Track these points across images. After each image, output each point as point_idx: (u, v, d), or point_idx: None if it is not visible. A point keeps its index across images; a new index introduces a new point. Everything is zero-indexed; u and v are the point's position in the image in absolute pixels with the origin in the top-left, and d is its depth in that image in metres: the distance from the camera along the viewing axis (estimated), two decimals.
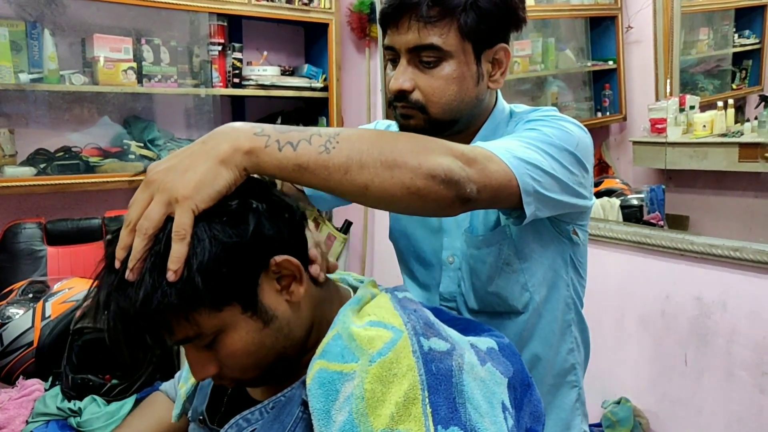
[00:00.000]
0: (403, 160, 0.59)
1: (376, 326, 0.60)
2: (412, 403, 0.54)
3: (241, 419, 0.62)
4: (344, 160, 0.57)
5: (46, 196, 1.96)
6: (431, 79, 0.78)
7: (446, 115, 0.80)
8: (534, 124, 0.79)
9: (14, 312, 1.42)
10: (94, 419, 1.23)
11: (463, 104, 0.80)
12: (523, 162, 0.70)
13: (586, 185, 0.80)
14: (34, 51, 1.86)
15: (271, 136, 0.56)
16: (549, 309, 0.89)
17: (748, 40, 1.92)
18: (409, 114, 0.81)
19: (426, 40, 0.77)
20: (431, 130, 0.80)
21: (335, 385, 0.56)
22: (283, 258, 0.58)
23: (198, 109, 2.26)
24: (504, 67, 0.83)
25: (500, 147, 0.71)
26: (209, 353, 0.58)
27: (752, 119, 1.71)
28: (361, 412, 0.54)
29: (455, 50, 0.77)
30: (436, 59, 0.78)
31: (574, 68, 2.54)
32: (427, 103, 0.79)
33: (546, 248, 0.86)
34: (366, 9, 2.35)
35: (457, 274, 0.89)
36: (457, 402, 0.55)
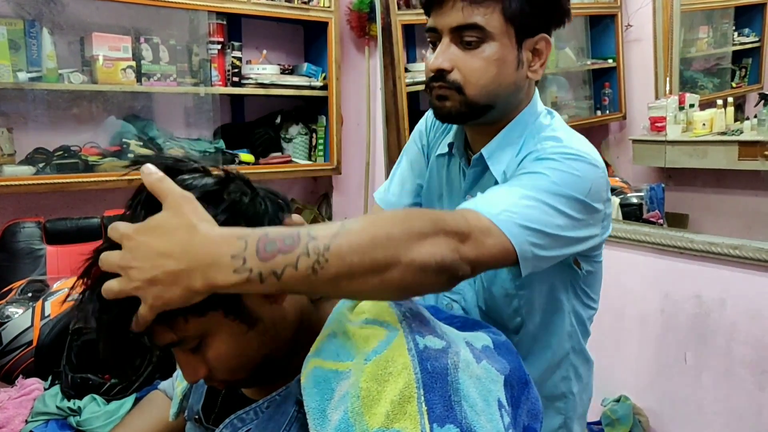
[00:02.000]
0: (395, 257, 0.55)
1: (371, 324, 0.60)
2: (407, 401, 0.54)
3: (236, 419, 0.62)
4: (332, 278, 0.53)
5: (45, 195, 1.96)
6: (472, 59, 0.78)
7: (483, 98, 0.79)
8: (545, 165, 0.75)
9: (14, 311, 1.41)
10: (93, 418, 1.23)
11: (501, 88, 0.79)
12: (524, 228, 0.68)
13: (596, 223, 0.78)
14: (32, 50, 1.86)
15: (254, 269, 0.51)
16: (545, 335, 0.88)
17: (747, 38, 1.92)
18: (445, 95, 0.80)
19: (469, 19, 0.76)
20: (467, 114, 0.80)
21: (330, 383, 0.56)
22: None
23: (197, 108, 2.25)
24: (544, 58, 0.81)
25: (501, 209, 0.68)
26: (197, 356, 0.58)
27: (752, 117, 1.71)
28: (357, 410, 0.54)
29: (498, 32, 0.77)
30: (478, 39, 0.77)
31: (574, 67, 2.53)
32: (464, 84, 0.78)
33: (546, 277, 0.83)
34: (366, 8, 2.35)
35: None
36: (453, 400, 0.55)
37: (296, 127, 2.49)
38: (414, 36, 2.38)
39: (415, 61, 2.37)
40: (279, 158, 2.40)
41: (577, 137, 0.83)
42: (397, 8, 2.25)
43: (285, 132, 2.48)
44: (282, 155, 2.43)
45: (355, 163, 2.54)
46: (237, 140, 2.34)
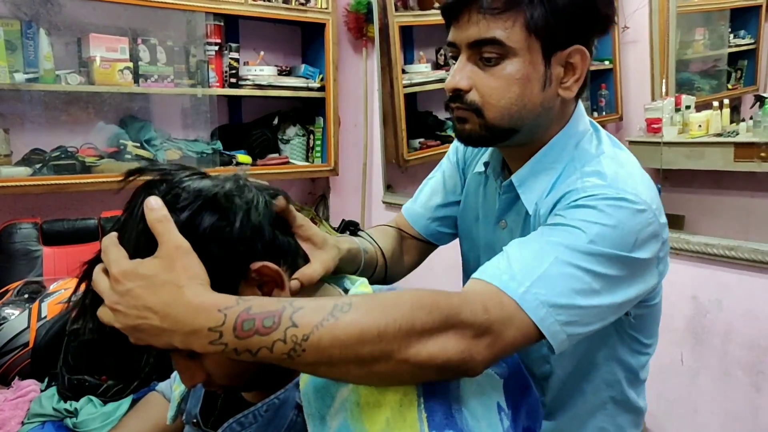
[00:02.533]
0: (385, 354, 0.50)
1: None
2: (407, 408, 0.53)
3: (235, 423, 0.62)
4: (309, 364, 0.51)
5: (41, 196, 1.96)
6: (491, 78, 0.70)
7: (504, 121, 0.71)
8: (583, 217, 0.65)
9: (10, 312, 1.41)
10: (90, 420, 1.22)
11: (525, 111, 0.71)
12: (556, 308, 0.61)
13: (646, 274, 0.69)
14: (29, 50, 1.85)
15: (229, 345, 0.50)
16: (578, 382, 0.80)
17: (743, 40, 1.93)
18: (464, 117, 0.73)
19: (487, 33, 0.68)
20: (489, 138, 0.74)
21: (330, 389, 0.56)
22: (262, 264, 0.56)
23: (195, 109, 2.25)
24: (579, 73, 0.72)
25: (528, 283, 0.60)
26: (195, 362, 0.58)
27: (748, 119, 1.71)
28: (357, 417, 0.53)
29: (520, 47, 0.68)
30: (498, 56, 0.69)
31: None
32: (483, 105, 0.71)
33: None
34: (363, 9, 2.35)
35: None
36: (453, 407, 0.55)
37: (293, 129, 2.49)
38: (411, 37, 2.39)
39: (413, 63, 2.37)
40: (276, 159, 2.40)
41: (626, 170, 0.72)
42: (395, 10, 2.25)
43: (282, 133, 2.48)
44: (279, 156, 2.43)
45: (353, 165, 2.54)
46: (234, 141, 2.34)
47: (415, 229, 0.97)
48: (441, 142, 2.34)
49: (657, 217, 0.69)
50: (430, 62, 2.39)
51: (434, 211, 0.96)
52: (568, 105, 0.76)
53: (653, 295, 0.78)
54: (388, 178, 2.37)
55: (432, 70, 2.37)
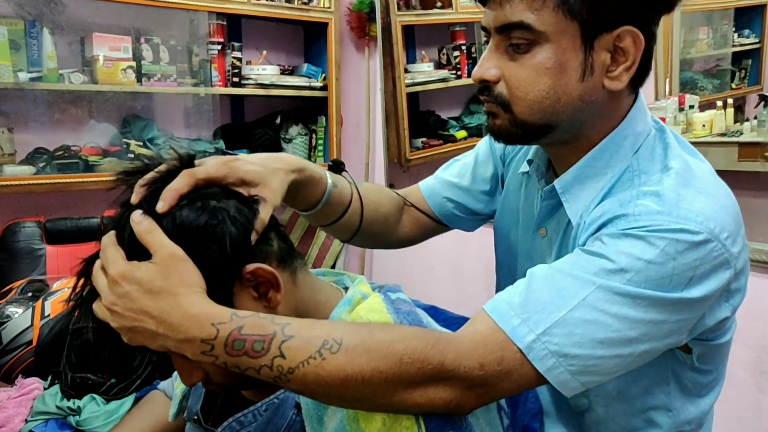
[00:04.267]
0: (368, 399, 0.51)
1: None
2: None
3: (234, 422, 0.62)
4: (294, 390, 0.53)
5: (45, 195, 1.96)
6: (519, 67, 0.61)
7: (535, 116, 0.62)
8: (630, 252, 0.56)
9: (13, 311, 1.41)
10: (93, 418, 1.23)
11: (560, 105, 0.61)
12: (567, 358, 0.54)
13: (707, 309, 0.60)
14: (33, 50, 1.86)
15: (219, 358, 0.51)
16: (621, 425, 0.69)
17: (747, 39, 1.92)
18: (494, 111, 0.64)
19: (514, 16, 0.59)
20: (521, 135, 0.64)
21: None
22: (256, 266, 0.56)
23: (197, 109, 2.25)
24: (632, 59, 0.60)
25: (541, 330, 0.54)
26: (193, 361, 0.57)
27: (752, 119, 1.71)
28: (353, 417, 0.53)
29: (553, 31, 0.58)
30: (528, 42, 0.60)
31: None
32: (511, 99, 0.62)
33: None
34: (365, 8, 2.35)
35: None
36: None
37: (296, 128, 2.49)
38: (414, 36, 2.39)
39: (415, 62, 2.37)
40: None
41: (695, 187, 0.60)
42: (397, 9, 2.25)
43: (285, 132, 2.48)
44: None
45: (355, 164, 2.54)
46: (237, 140, 2.34)
47: (427, 203, 0.89)
48: (443, 142, 2.34)
49: (727, 246, 0.58)
50: (433, 61, 2.39)
51: (454, 192, 0.87)
52: (621, 98, 0.64)
53: (721, 332, 0.66)
54: (390, 177, 2.37)
55: (434, 70, 2.36)
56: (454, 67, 2.35)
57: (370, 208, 0.82)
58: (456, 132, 2.35)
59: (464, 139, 2.34)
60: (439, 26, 2.38)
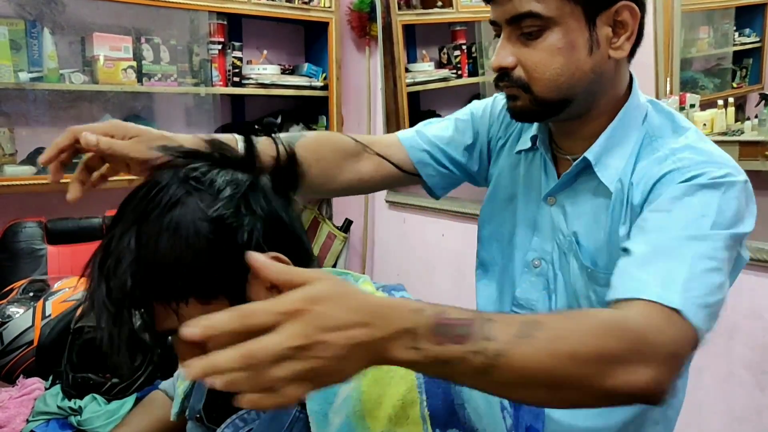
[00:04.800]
0: (577, 380, 0.48)
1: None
2: (410, 405, 0.53)
3: (238, 419, 0.62)
4: (497, 383, 0.47)
5: (46, 195, 1.96)
6: (533, 51, 0.69)
7: (553, 93, 0.69)
8: (698, 200, 0.64)
9: (15, 311, 1.42)
10: (94, 418, 1.23)
11: (575, 79, 0.69)
12: (708, 311, 0.59)
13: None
14: (33, 50, 1.86)
15: (422, 349, 0.44)
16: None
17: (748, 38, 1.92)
18: (514, 94, 0.72)
19: (523, 7, 0.67)
20: (541, 112, 0.72)
21: (333, 387, 0.54)
22: (273, 255, 0.56)
23: (198, 108, 2.25)
24: (630, 30, 0.69)
25: (683, 289, 0.57)
26: (197, 348, 0.58)
27: (752, 118, 1.71)
28: (359, 414, 0.54)
29: (559, 15, 0.67)
30: (538, 28, 0.68)
31: None
32: (530, 80, 0.70)
33: None
34: (366, 7, 2.35)
35: (542, 281, 0.79)
36: (456, 404, 0.55)
37: (296, 127, 2.49)
38: (414, 36, 2.38)
39: (416, 61, 2.37)
40: None
41: (706, 140, 0.71)
42: (398, 8, 2.25)
43: (285, 132, 2.48)
44: None
45: None
46: None
47: (407, 152, 0.90)
48: None
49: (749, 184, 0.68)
50: (433, 61, 2.39)
51: (433, 146, 0.90)
52: (623, 67, 0.73)
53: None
54: None
55: (435, 69, 2.36)
56: (454, 67, 2.35)
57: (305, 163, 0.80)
58: None
59: None
60: (440, 26, 2.38)
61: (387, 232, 2.43)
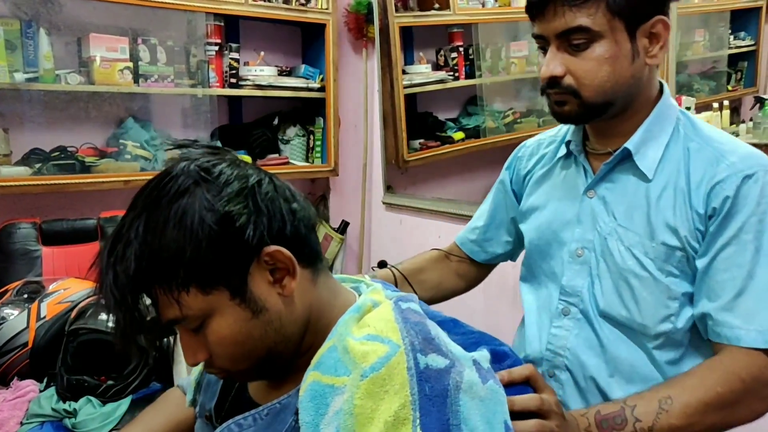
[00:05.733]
0: (709, 424, 0.71)
1: (373, 340, 0.57)
2: (402, 423, 0.52)
3: (234, 424, 0.61)
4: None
5: (41, 196, 1.95)
6: (582, 61, 0.77)
7: (600, 97, 0.78)
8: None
9: (9, 312, 1.41)
10: (89, 420, 1.22)
11: (618, 85, 0.78)
12: None
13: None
14: (29, 50, 1.85)
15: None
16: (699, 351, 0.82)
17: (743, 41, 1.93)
18: (563, 100, 0.80)
19: (573, 23, 0.76)
20: (586, 115, 0.81)
21: (326, 398, 0.55)
22: (275, 249, 0.57)
23: (195, 109, 2.25)
24: (663, 41, 0.79)
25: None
26: (199, 338, 0.58)
27: (747, 120, 1.72)
28: (350, 428, 0.53)
29: (605, 30, 0.76)
30: (586, 41, 0.76)
31: None
32: (579, 87, 0.78)
33: None
34: (363, 9, 2.35)
35: (586, 269, 0.86)
36: (451, 423, 0.53)
37: (294, 129, 2.49)
38: (411, 38, 2.39)
39: (413, 63, 2.37)
40: (276, 160, 2.40)
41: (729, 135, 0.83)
42: (395, 10, 2.25)
43: (282, 133, 2.48)
44: (279, 157, 2.43)
45: (353, 165, 2.54)
46: (234, 141, 2.34)
47: (461, 249, 1.09)
48: (441, 143, 2.34)
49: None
50: (431, 63, 2.39)
51: (471, 233, 1.08)
52: (653, 71, 0.83)
53: None
54: (388, 178, 2.37)
55: (432, 71, 2.36)
56: (451, 69, 2.35)
57: (416, 279, 1.05)
58: (454, 133, 2.35)
59: (462, 140, 2.34)
60: (437, 28, 2.38)
61: (383, 233, 2.43)
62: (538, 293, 0.94)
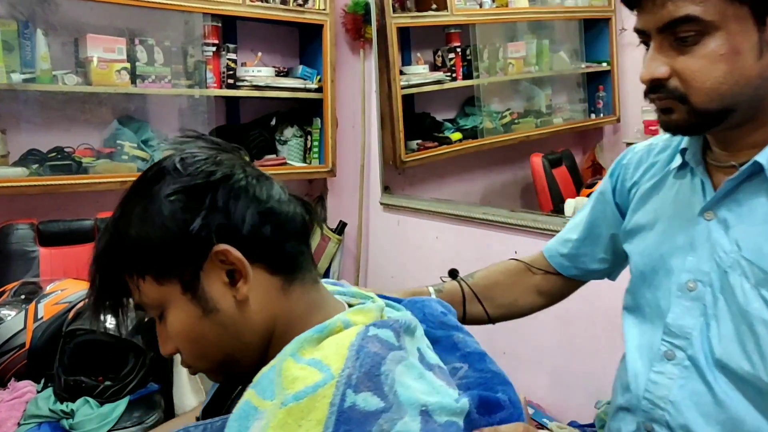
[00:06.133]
0: None
1: (312, 366, 0.51)
2: None
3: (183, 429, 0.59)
4: None
5: (38, 196, 1.95)
6: (691, 59, 0.63)
7: (714, 103, 0.63)
8: None
9: (6, 313, 1.41)
10: (86, 421, 1.22)
11: (739, 87, 0.63)
12: None
13: None
14: (26, 51, 1.85)
15: None
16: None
17: None
18: (669, 106, 0.66)
19: (678, 12, 0.61)
20: (699, 124, 0.66)
21: (248, 420, 0.51)
22: (224, 248, 0.54)
23: (192, 110, 2.25)
24: None
25: None
26: (165, 329, 0.58)
27: None
28: None
29: (720, 19, 0.60)
30: (696, 33, 0.62)
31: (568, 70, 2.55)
32: (687, 91, 0.64)
33: None
34: (361, 10, 2.35)
35: (699, 307, 0.71)
36: None
37: (291, 130, 2.49)
38: (409, 38, 2.39)
39: (410, 64, 2.38)
40: (274, 160, 2.40)
41: None
42: (392, 11, 2.25)
43: (280, 134, 2.48)
44: (277, 157, 2.43)
45: (350, 166, 2.54)
46: (232, 142, 2.33)
47: (548, 261, 0.96)
48: (438, 144, 2.35)
49: None
50: (428, 63, 2.39)
51: (564, 247, 0.95)
52: None
53: None
54: (386, 179, 2.37)
55: (430, 72, 2.37)
56: (449, 69, 2.35)
57: (488, 295, 0.94)
58: (451, 134, 2.36)
59: (459, 141, 2.34)
60: (435, 28, 2.39)
61: (381, 234, 2.43)
62: (641, 327, 0.79)
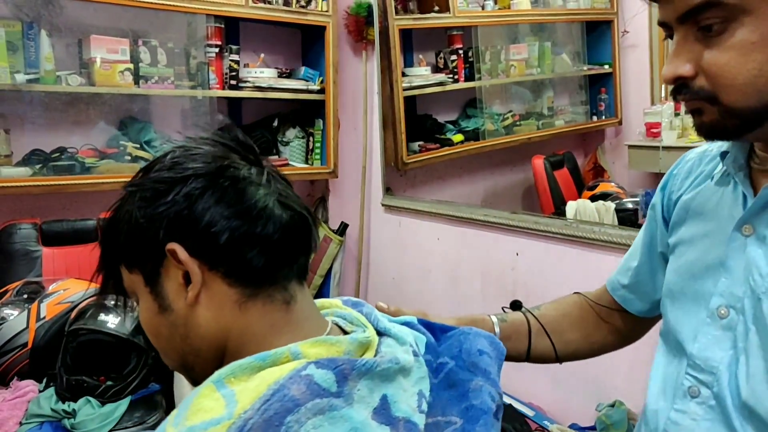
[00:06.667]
0: None
1: (227, 398, 0.48)
2: None
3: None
4: None
5: (41, 196, 1.96)
6: (717, 52, 0.53)
7: (751, 100, 0.53)
8: None
9: (9, 313, 1.41)
10: (88, 420, 1.23)
11: None
12: None
13: None
14: (30, 51, 1.85)
15: None
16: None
17: None
18: (698, 107, 0.57)
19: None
20: (739, 126, 0.55)
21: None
22: (175, 247, 0.53)
23: (195, 111, 2.25)
24: None
25: None
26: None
27: None
28: None
29: (748, 2, 0.51)
30: (722, 20, 0.52)
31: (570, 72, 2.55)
32: (716, 90, 0.54)
33: None
34: (363, 12, 2.36)
35: (729, 338, 0.60)
36: None
37: (293, 131, 2.50)
38: (411, 40, 2.39)
39: (412, 65, 2.38)
40: (276, 161, 2.40)
41: None
42: (395, 13, 2.26)
43: (282, 135, 2.49)
44: (279, 158, 2.43)
45: (352, 167, 2.55)
46: None
47: (613, 298, 0.84)
48: (440, 146, 2.35)
49: None
50: (430, 65, 2.39)
51: (623, 276, 0.83)
52: None
53: None
54: (387, 180, 2.38)
55: (432, 73, 2.37)
56: (451, 71, 2.36)
57: (554, 328, 0.82)
58: (453, 136, 2.36)
59: (461, 142, 2.35)
60: (437, 30, 2.39)
61: (382, 235, 2.44)
62: (668, 357, 0.69)
